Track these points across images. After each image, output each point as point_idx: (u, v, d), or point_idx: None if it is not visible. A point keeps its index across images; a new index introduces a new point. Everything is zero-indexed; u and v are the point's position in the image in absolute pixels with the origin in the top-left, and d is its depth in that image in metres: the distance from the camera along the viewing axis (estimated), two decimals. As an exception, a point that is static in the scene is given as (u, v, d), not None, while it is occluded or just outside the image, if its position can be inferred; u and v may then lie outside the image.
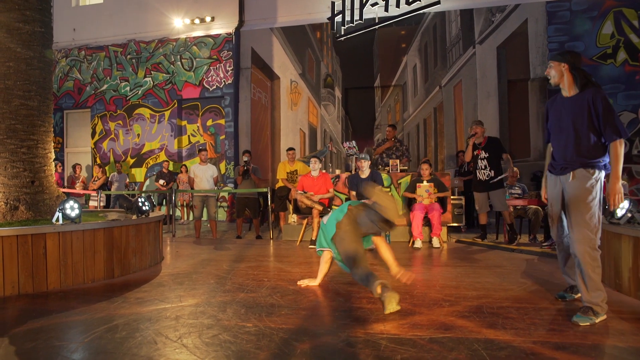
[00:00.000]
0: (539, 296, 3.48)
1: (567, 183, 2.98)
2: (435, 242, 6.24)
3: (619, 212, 3.67)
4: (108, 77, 12.41)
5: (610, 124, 2.85)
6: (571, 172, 2.96)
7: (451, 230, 7.74)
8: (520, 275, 4.34)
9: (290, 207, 7.43)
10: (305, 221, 6.84)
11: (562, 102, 3.12)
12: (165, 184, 10.67)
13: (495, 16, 9.93)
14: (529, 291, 3.63)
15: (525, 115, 9.85)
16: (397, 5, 10.10)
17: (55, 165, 9.63)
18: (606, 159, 2.94)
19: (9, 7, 4.48)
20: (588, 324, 2.79)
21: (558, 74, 3.06)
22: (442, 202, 6.58)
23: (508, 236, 6.44)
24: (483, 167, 6.43)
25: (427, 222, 6.47)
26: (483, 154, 6.42)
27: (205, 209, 8.02)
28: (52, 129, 4.91)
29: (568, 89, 3.07)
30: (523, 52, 9.72)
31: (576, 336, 2.58)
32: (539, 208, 6.59)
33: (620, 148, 2.85)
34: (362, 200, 3.84)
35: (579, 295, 3.04)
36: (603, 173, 2.95)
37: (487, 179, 6.37)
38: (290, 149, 8.12)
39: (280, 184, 8.00)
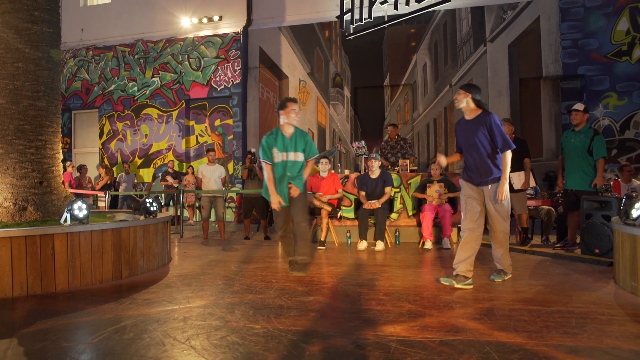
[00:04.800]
0: (552, 298, 3.41)
1: (487, 191, 3.87)
2: (446, 243, 6.17)
3: (635, 214, 3.59)
4: (116, 77, 12.47)
5: (502, 139, 3.75)
6: (489, 185, 3.85)
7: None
8: (532, 277, 4.27)
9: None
10: (314, 222, 6.80)
11: (466, 124, 3.96)
12: (173, 179, 10.71)
13: (507, 13, 9.82)
14: (542, 293, 3.56)
15: (538, 114, 9.73)
16: (407, 3, 10.02)
17: (67, 166, 9.72)
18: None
19: (17, 8, 4.49)
20: (501, 280, 4.02)
21: (462, 101, 3.89)
22: (452, 202, 6.50)
23: (520, 238, 6.34)
24: None
25: (437, 223, 6.40)
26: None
27: (213, 210, 8.01)
28: (60, 130, 4.91)
29: (470, 113, 3.92)
30: (535, 50, 9.59)
31: (590, 339, 2.52)
32: (552, 209, 6.49)
33: (509, 157, 3.78)
34: None
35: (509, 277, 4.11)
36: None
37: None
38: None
39: (288, 184, 7.95)
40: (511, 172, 6.10)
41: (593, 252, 4.97)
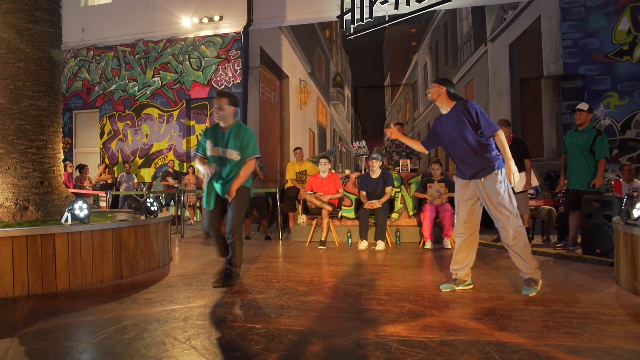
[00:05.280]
0: (553, 298, 3.41)
1: (480, 185, 3.54)
2: (447, 243, 6.17)
3: (636, 213, 3.59)
4: (116, 77, 12.47)
5: (486, 122, 3.46)
6: (482, 178, 3.52)
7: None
8: (533, 276, 4.26)
9: (300, 207, 7.40)
10: (314, 222, 6.80)
11: (445, 118, 3.69)
12: (173, 179, 10.72)
13: (508, 13, 9.81)
14: (543, 293, 3.55)
15: (539, 114, 9.72)
16: (408, 3, 10.01)
17: (66, 166, 9.72)
18: (497, 152, 3.54)
19: (18, 8, 4.49)
20: (535, 293, 3.46)
21: (435, 93, 3.66)
22: (453, 202, 6.47)
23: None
24: None
25: (438, 222, 6.40)
26: None
27: (214, 209, 8.00)
28: (61, 130, 4.92)
29: (446, 106, 3.67)
30: (536, 50, 9.58)
31: (591, 339, 2.52)
32: (553, 209, 6.49)
33: (502, 136, 3.48)
34: None
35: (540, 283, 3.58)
36: (503, 165, 3.51)
37: None
38: (298, 148, 8.08)
39: (289, 184, 7.97)
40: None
41: (594, 252, 4.97)
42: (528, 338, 2.55)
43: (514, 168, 3.46)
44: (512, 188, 6.10)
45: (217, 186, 3.89)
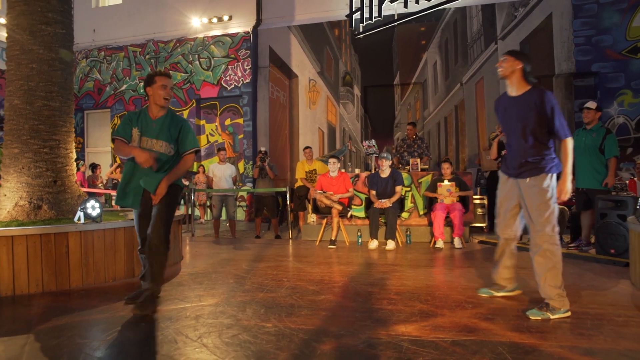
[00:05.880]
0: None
1: (523, 185, 3.12)
2: (457, 242, 6.13)
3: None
4: (127, 77, 12.56)
5: (559, 123, 3.00)
6: (528, 178, 3.08)
7: (473, 230, 7.61)
8: (545, 276, 4.22)
9: (310, 206, 7.40)
10: (324, 221, 6.80)
11: (509, 101, 3.22)
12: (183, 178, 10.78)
13: (518, 11, 9.72)
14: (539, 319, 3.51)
15: (549, 112, 9.61)
16: (417, 2, 9.95)
17: (80, 165, 9.83)
18: (554, 156, 3.09)
19: (31, 10, 4.54)
20: (539, 318, 2.91)
21: (509, 69, 3.15)
22: (464, 201, 6.46)
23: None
24: None
25: (448, 222, 6.36)
26: None
27: (224, 209, 8.05)
28: (74, 129, 4.96)
29: (517, 88, 3.17)
30: (547, 48, 9.48)
31: (606, 341, 2.49)
32: (565, 208, 6.42)
33: (570, 145, 3.02)
34: None
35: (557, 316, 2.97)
36: (555, 171, 3.07)
37: None
38: (307, 147, 8.09)
39: (299, 183, 7.97)
40: None
41: (608, 252, 4.91)
42: (541, 339, 2.53)
43: (569, 186, 3.03)
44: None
45: (147, 181, 3.19)
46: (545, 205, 3.00)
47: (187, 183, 10.74)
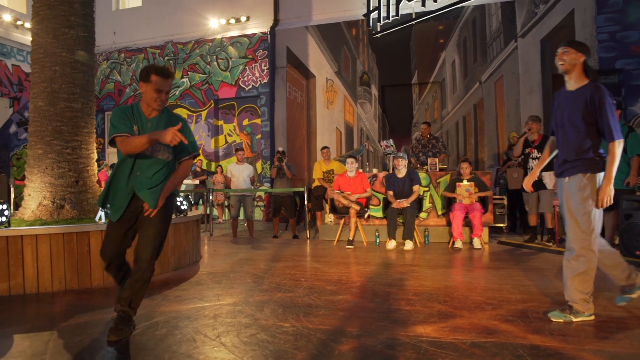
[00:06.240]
0: (589, 300, 3.30)
1: (564, 184, 2.98)
2: (476, 243, 6.06)
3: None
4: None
5: (609, 124, 2.79)
6: (568, 177, 2.94)
7: (493, 231, 7.51)
8: (567, 277, 4.14)
9: (327, 206, 7.40)
10: (342, 221, 6.79)
11: (565, 96, 3.03)
12: (194, 177, 10.92)
13: (539, 7, 9.56)
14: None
15: (571, 111, 9.41)
16: (435, 0, 9.88)
17: (103, 166, 10.01)
18: (598, 157, 2.89)
19: (55, 14, 4.64)
20: (561, 320, 2.84)
21: (571, 62, 2.92)
22: (483, 201, 6.38)
23: (549, 237, 6.15)
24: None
25: (467, 222, 6.29)
26: (535, 153, 6.01)
27: (242, 209, 8.09)
28: (95, 130, 5.05)
29: (575, 82, 2.97)
30: (568, 45, 9.29)
31: (632, 346, 2.43)
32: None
33: (619, 149, 2.80)
34: None
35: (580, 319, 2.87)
36: (598, 171, 2.87)
37: (537, 179, 6.02)
38: (325, 147, 8.08)
39: (316, 183, 7.98)
40: (544, 171, 5.96)
41: (634, 254, 4.79)
42: (563, 342, 2.48)
43: (611, 190, 2.80)
44: (544, 184, 5.91)
45: (148, 194, 2.70)
46: (582, 207, 2.84)
47: (204, 178, 10.87)
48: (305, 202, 7.86)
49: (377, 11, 10.25)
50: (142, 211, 2.73)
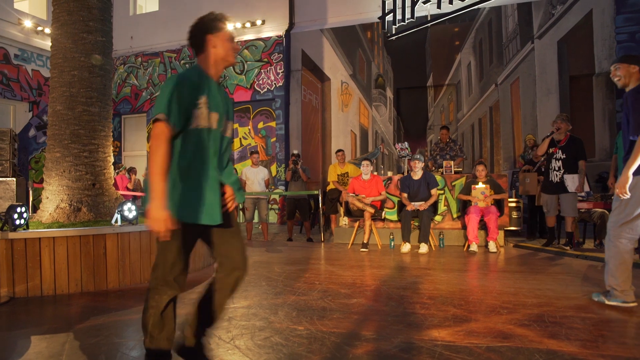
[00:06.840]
0: (607, 306, 3.24)
1: None
2: (492, 246, 5.99)
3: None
4: (163, 83, 12.88)
5: (635, 118, 2.97)
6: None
7: (509, 234, 7.42)
8: (585, 282, 4.07)
9: (342, 209, 7.39)
10: (356, 224, 6.77)
11: (625, 98, 3.19)
12: None
13: (556, 9, 9.43)
14: (595, 300, 3.38)
15: (590, 113, 9.28)
16: (450, 2, 9.80)
17: (121, 170, 10.14)
18: None
19: (74, 20, 4.73)
20: (597, 299, 3.30)
21: (626, 76, 3.13)
22: (498, 204, 6.31)
23: (567, 241, 6.04)
24: (557, 169, 5.90)
25: (482, 225, 6.22)
26: (560, 154, 5.89)
27: (256, 211, 8.13)
28: (111, 134, 5.13)
29: (632, 85, 3.14)
30: (587, 46, 9.16)
31: (654, 351, 2.37)
32: (605, 211, 6.16)
33: (637, 145, 2.92)
34: None
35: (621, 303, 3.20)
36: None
37: (558, 181, 5.93)
38: (340, 150, 8.07)
39: (331, 186, 7.97)
40: (565, 173, 5.87)
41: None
42: (581, 347, 2.43)
43: (630, 180, 2.99)
44: (567, 187, 5.80)
45: (241, 193, 2.28)
46: (618, 200, 3.12)
47: None
48: (320, 205, 7.86)
49: (392, 14, 10.23)
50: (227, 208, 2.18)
